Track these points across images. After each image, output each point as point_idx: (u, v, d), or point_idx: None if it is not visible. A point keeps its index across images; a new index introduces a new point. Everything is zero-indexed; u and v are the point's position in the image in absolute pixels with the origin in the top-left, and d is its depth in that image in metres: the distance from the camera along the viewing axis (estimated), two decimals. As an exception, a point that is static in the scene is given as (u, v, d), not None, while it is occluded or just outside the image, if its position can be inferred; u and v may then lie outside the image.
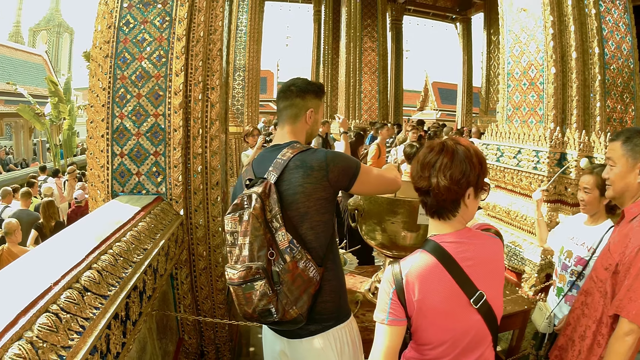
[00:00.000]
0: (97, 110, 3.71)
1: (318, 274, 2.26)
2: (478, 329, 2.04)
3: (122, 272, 2.38)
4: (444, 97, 41.05)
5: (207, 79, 3.81)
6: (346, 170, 2.39)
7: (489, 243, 2.10)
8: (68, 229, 2.82)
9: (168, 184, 3.65)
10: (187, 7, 3.70)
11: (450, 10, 23.48)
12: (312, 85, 2.65)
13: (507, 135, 5.77)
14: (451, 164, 1.96)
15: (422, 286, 1.96)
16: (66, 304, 1.86)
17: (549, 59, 5.21)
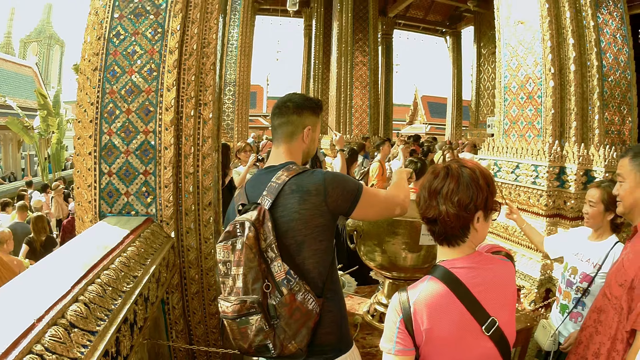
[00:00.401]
0: (85, 126, 3.55)
1: (318, 306, 2.12)
2: (490, 357, 1.95)
3: (111, 304, 2.22)
4: (433, 110, 41.37)
5: (200, 94, 3.64)
6: (346, 194, 2.25)
7: (500, 267, 2.02)
8: (53, 255, 2.65)
9: (158, 205, 3.48)
10: (180, 19, 3.54)
11: (440, 24, 23.64)
12: (309, 101, 2.52)
13: (504, 149, 5.73)
14: (457, 189, 1.90)
15: (431, 315, 1.87)
16: (51, 343, 1.72)
17: (547, 72, 5.17)
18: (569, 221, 5.00)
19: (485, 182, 1.93)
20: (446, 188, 1.91)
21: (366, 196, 2.31)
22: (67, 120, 26.66)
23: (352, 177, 2.43)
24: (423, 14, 22.94)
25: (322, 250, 2.21)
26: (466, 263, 1.95)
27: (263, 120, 35.76)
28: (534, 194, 5.16)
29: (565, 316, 3.57)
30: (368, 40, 14.65)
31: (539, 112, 5.34)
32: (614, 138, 5.18)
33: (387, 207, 2.47)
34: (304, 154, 2.53)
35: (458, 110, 23.10)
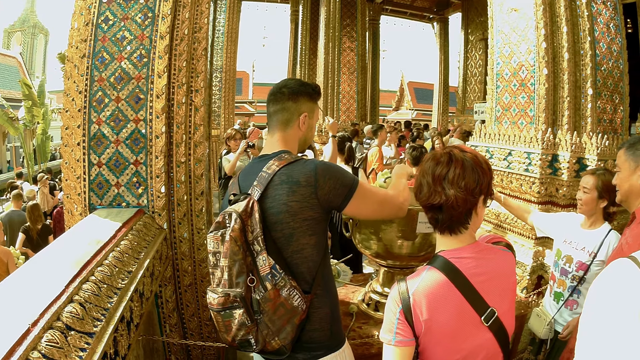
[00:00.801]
0: (73, 116, 3.44)
1: (304, 303, 2.04)
2: (489, 348, 1.94)
3: (107, 303, 2.14)
4: (419, 96, 41.37)
5: (191, 80, 3.54)
6: (339, 188, 2.14)
7: (500, 257, 2.02)
8: (44, 252, 2.54)
9: (150, 196, 3.39)
10: (171, 3, 3.44)
11: (427, 10, 23.59)
12: (306, 86, 2.42)
13: (496, 136, 5.70)
14: (464, 173, 1.88)
15: (430, 305, 1.86)
16: (48, 349, 1.63)
17: (540, 60, 5.15)
18: (561, 208, 5.01)
19: (487, 166, 1.94)
20: (452, 173, 1.88)
21: (361, 192, 2.22)
22: (52, 111, 26.41)
23: (347, 171, 2.26)
24: (410, 0, 22.88)
25: (312, 245, 2.13)
26: (466, 253, 1.94)
27: (249, 107, 35.57)
28: (527, 181, 5.15)
29: (560, 304, 3.61)
30: (356, 25, 14.64)
31: (532, 100, 5.31)
32: (605, 126, 5.19)
33: (383, 208, 2.39)
34: (301, 142, 2.43)
35: (445, 96, 23.10)
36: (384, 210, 2.41)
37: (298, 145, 2.42)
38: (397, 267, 3.47)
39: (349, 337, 3.17)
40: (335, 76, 13.90)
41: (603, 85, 5.16)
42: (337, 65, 13.91)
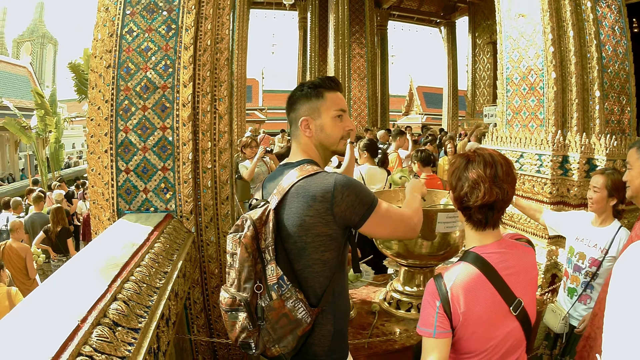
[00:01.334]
0: (99, 124, 3.55)
1: (309, 316, 2.03)
2: (516, 335, 2.09)
3: (148, 301, 2.23)
4: (429, 101, 41.36)
5: (215, 89, 3.63)
6: (357, 206, 2.06)
7: (524, 252, 2.18)
8: (81, 254, 2.64)
9: (178, 201, 3.49)
10: (194, 15, 3.54)
11: (434, 14, 23.64)
12: (302, 89, 2.33)
13: (507, 139, 5.78)
14: (509, 169, 2.06)
15: (467, 297, 2.00)
16: (99, 343, 1.70)
17: (548, 64, 5.24)
18: (573, 208, 5.10)
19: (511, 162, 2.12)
20: (500, 170, 2.02)
21: (380, 213, 2.13)
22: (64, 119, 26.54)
23: (368, 189, 2.19)
24: (417, 5, 22.92)
25: (323, 261, 2.10)
26: (496, 248, 2.09)
27: (259, 114, 35.65)
28: (538, 183, 5.25)
29: (574, 299, 3.74)
30: (364, 32, 14.74)
31: (542, 103, 5.41)
32: (614, 127, 5.27)
33: (397, 229, 2.29)
34: (318, 146, 2.32)
35: (454, 100, 23.12)
36: (399, 230, 2.31)
37: (319, 150, 2.33)
38: (417, 266, 3.59)
39: (373, 335, 3.28)
40: (346, 82, 14.00)
41: (610, 87, 5.25)
42: (348, 71, 14.00)
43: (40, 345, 1.57)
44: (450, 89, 23.20)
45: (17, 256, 7.66)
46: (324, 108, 2.27)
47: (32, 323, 1.77)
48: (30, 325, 1.74)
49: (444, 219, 3.21)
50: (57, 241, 8.78)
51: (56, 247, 8.75)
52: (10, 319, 1.79)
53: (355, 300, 3.82)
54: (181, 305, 2.86)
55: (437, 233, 3.26)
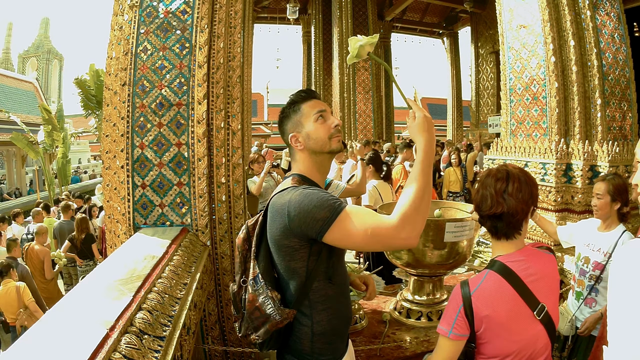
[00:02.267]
0: (115, 140, 3.66)
1: (279, 314, 2.11)
2: (541, 339, 2.21)
3: (170, 311, 2.33)
4: (433, 112, 41.29)
5: (228, 106, 3.74)
6: (310, 222, 2.03)
7: (546, 259, 2.31)
8: (103, 265, 2.74)
9: (193, 215, 3.58)
10: (207, 34, 3.64)
11: (436, 25, 23.66)
12: (282, 112, 2.41)
13: (512, 149, 5.87)
14: (521, 187, 2.16)
15: (490, 303, 2.13)
16: (128, 350, 1.79)
17: (550, 74, 5.34)
18: (577, 215, 5.19)
19: (534, 181, 2.25)
20: (511, 187, 2.16)
21: (342, 227, 2.01)
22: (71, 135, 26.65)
23: (327, 201, 2.05)
24: (419, 17, 22.99)
25: (291, 270, 2.18)
26: (519, 256, 2.22)
27: (265, 128, 35.73)
28: (543, 191, 5.33)
29: (580, 302, 3.84)
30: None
31: (544, 112, 5.50)
32: (616, 134, 5.36)
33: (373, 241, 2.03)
34: (312, 156, 2.34)
35: (458, 110, 23.09)
36: (378, 242, 2.04)
37: (311, 162, 2.36)
38: (426, 275, 3.66)
39: (384, 342, 3.37)
40: (351, 96, 14.06)
41: (611, 94, 5.34)
42: (353, 85, 14.06)
43: (73, 352, 1.65)
44: (454, 100, 23.18)
45: (37, 258, 8.36)
46: (304, 118, 2.32)
47: (62, 331, 1.85)
48: (61, 334, 1.83)
49: (452, 229, 3.29)
50: (82, 247, 9.22)
51: (82, 254, 9.27)
52: (41, 328, 1.88)
53: (367, 310, 3.89)
54: (200, 316, 2.94)
55: (446, 242, 3.34)
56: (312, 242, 2.12)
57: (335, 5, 14.82)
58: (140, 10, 3.76)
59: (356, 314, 3.68)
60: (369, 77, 14.54)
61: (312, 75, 18.79)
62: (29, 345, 1.74)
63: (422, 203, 1.97)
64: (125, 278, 2.45)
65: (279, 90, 43.76)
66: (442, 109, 30.15)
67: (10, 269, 6.77)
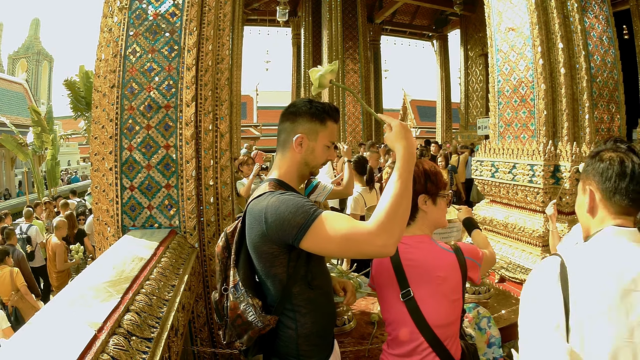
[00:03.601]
0: (104, 142, 3.66)
1: (260, 321, 2.13)
2: (407, 324, 2.34)
3: (158, 312, 2.34)
4: (422, 114, 41.52)
5: (217, 108, 3.74)
6: (286, 228, 2.01)
7: (435, 253, 2.41)
8: (91, 267, 2.72)
9: (182, 217, 3.59)
10: (195, 37, 3.66)
11: (426, 28, 23.76)
12: (310, 105, 2.32)
13: (500, 151, 5.90)
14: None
15: (374, 265, 2.58)
16: (116, 351, 1.80)
17: (538, 76, 5.37)
18: (565, 216, 5.24)
19: (423, 174, 2.47)
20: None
21: (319, 231, 1.99)
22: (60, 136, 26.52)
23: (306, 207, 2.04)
24: (409, 19, 23.08)
25: (272, 276, 2.18)
26: (406, 240, 2.43)
27: (254, 131, 35.70)
28: (531, 192, 5.36)
29: None
30: (358, 47, 14.80)
31: (532, 114, 5.53)
32: (604, 135, 5.41)
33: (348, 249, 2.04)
34: (300, 165, 2.35)
35: (447, 113, 23.17)
36: (354, 249, 2.01)
37: (297, 168, 2.36)
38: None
39: (373, 343, 3.39)
40: (341, 98, 14.07)
41: (599, 96, 5.38)
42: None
43: (61, 354, 1.66)
44: (443, 102, 23.24)
45: (52, 250, 9.12)
46: (322, 135, 2.32)
47: (50, 333, 1.86)
48: (49, 335, 1.83)
49: (439, 230, 3.31)
50: (76, 242, 9.73)
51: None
52: (29, 330, 1.88)
53: (355, 311, 3.91)
54: (188, 317, 2.95)
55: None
56: (290, 248, 2.10)
57: (325, 8, 14.82)
58: (129, 12, 3.77)
59: (345, 316, 3.70)
60: (358, 80, 14.57)
61: (301, 77, 18.82)
62: (17, 347, 1.74)
63: (399, 209, 1.94)
64: (114, 280, 2.45)
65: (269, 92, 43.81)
66: (432, 111, 30.31)
67: (6, 256, 7.65)
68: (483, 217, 6.13)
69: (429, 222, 2.50)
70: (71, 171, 37.32)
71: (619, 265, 1.62)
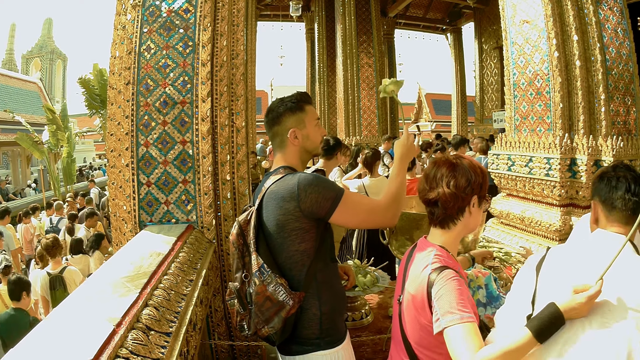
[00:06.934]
0: (120, 139, 3.68)
1: (291, 299, 2.24)
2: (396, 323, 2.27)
3: (177, 307, 2.36)
4: (437, 108, 41.30)
5: (232, 104, 3.76)
6: (321, 201, 2.28)
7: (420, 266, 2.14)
8: (109, 263, 2.76)
9: (199, 212, 3.61)
10: (210, 32, 3.67)
11: (440, 21, 23.57)
12: (284, 103, 2.57)
13: (516, 144, 5.86)
14: (454, 173, 2.15)
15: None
16: (134, 346, 1.82)
17: (554, 69, 5.32)
18: (582, 209, 5.18)
19: (480, 171, 2.19)
20: (440, 173, 2.17)
21: (347, 204, 2.32)
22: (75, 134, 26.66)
23: (332, 183, 2.42)
24: (423, 12, 22.90)
25: (301, 252, 2.32)
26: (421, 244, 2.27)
27: (269, 126, 35.73)
28: (548, 186, 5.32)
29: None
30: (372, 41, 14.71)
31: (548, 107, 5.48)
32: (620, 128, 5.33)
33: (368, 220, 2.47)
34: (302, 153, 2.58)
35: (463, 106, 22.99)
36: (370, 221, 2.51)
37: (300, 156, 2.58)
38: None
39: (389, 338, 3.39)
40: (355, 92, 13.99)
41: (615, 89, 5.31)
42: (357, 81, 13.97)
43: (80, 347, 1.67)
44: (458, 95, 23.07)
45: None
46: (307, 119, 2.56)
47: (69, 328, 1.88)
48: (68, 330, 1.85)
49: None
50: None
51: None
52: (49, 324, 1.91)
53: (372, 305, 3.91)
54: (206, 312, 2.97)
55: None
56: (318, 222, 2.34)
57: (338, 2, 14.75)
58: (143, 9, 3.79)
59: (362, 309, 3.70)
60: (372, 74, 14.47)
61: (315, 72, 18.74)
62: (36, 341, 1.76)
63: (400, 193, 2.45)
64: (132, 275, 2.48)
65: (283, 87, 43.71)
66: (447, 105, 30.10)
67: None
68: (499, 211, 6.10)
69: (466, 228, 2.24)
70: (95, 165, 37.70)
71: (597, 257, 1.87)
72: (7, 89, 28.74)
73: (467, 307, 1.85)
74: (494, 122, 18.52)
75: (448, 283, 1.93)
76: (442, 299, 1.89)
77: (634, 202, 1.96)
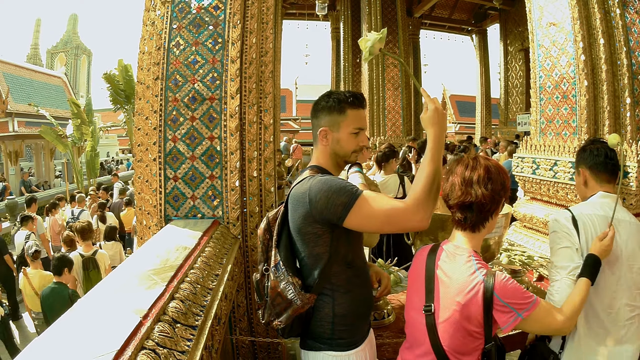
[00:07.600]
0: (148, 133, 3.72)
1: (299, 299, 2.26)
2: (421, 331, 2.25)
3: (202, 301, 2.38)
4: (461, 109, 41.08)
5: (260, 101, 3.79)
6: (332, 206, 2.18)
7: (465, 274, 2.16)
8: (135, 255, 2.81)
9: (225, 208, 3.63)
10: (239, 29, 3.69)
11: (465, 22, 23.44)
12: (326, 99, 2.47)
13: (541, 148, 5.83)
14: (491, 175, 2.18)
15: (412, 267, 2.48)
16: (161, 338, 1.83)
17: (580, 72, 5.29)
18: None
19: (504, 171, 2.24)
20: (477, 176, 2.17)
21: (362, 208, 2.16)
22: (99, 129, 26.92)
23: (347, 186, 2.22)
24: (448, 13, 22.80)
25: (314, 255, 2.31)
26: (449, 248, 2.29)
27: (293, 124, 35.82)
28: (572, 190, 5.28)
29: None
30: (397, 41, 14.66)
31: (574, 111, 5.45)
32: (645, 134, 5.30)
33: (389, 224, 2.25)
34: (331, 155, 2.48)
35: (487, 108, 22.84)
36: (395, 225, 2.26)
37: (330, 158, 2.49)
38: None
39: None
40: (380, 92, 13.94)
41: (640, 94, 5.29)
42: (382, 81, 13.93)
43: (106, 338, 1.70)
44: (482, 97, 22.92)
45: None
46: (344, 124, 2.43)
47: (96, 319, 1.91)
48: (94, 321, 1.89)
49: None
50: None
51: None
52: (75, 315, 1.94)
53: (395, 305, 3.91)
54: (230, 307, 2.99)
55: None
56: (333, 227, 2.26)
57: (364, 2, 14.71)
58: (172, 5, 3.83)
59: (384, 309, 3.71)
60: (398, 74, 14.42)
61: (340, 71, 18.70)
62: (63, 331, 1.79)
63: (432, 187, 2.16)
64: (158, 268, 2.51)
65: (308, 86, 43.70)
66: (471, 107, 29.87)
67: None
68: (523, 214, 6.08)
69: (488, 231, 2.28)
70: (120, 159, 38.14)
71: (604, 212, 2.73)
72: (32, 83, 29.01)
73: (529, 293, 2.13)
74: (518, 125, 18.42)
75: (508, 282, 2.09)
76: (512, 296, 2.07)
77: (612, 165, 2.87)
